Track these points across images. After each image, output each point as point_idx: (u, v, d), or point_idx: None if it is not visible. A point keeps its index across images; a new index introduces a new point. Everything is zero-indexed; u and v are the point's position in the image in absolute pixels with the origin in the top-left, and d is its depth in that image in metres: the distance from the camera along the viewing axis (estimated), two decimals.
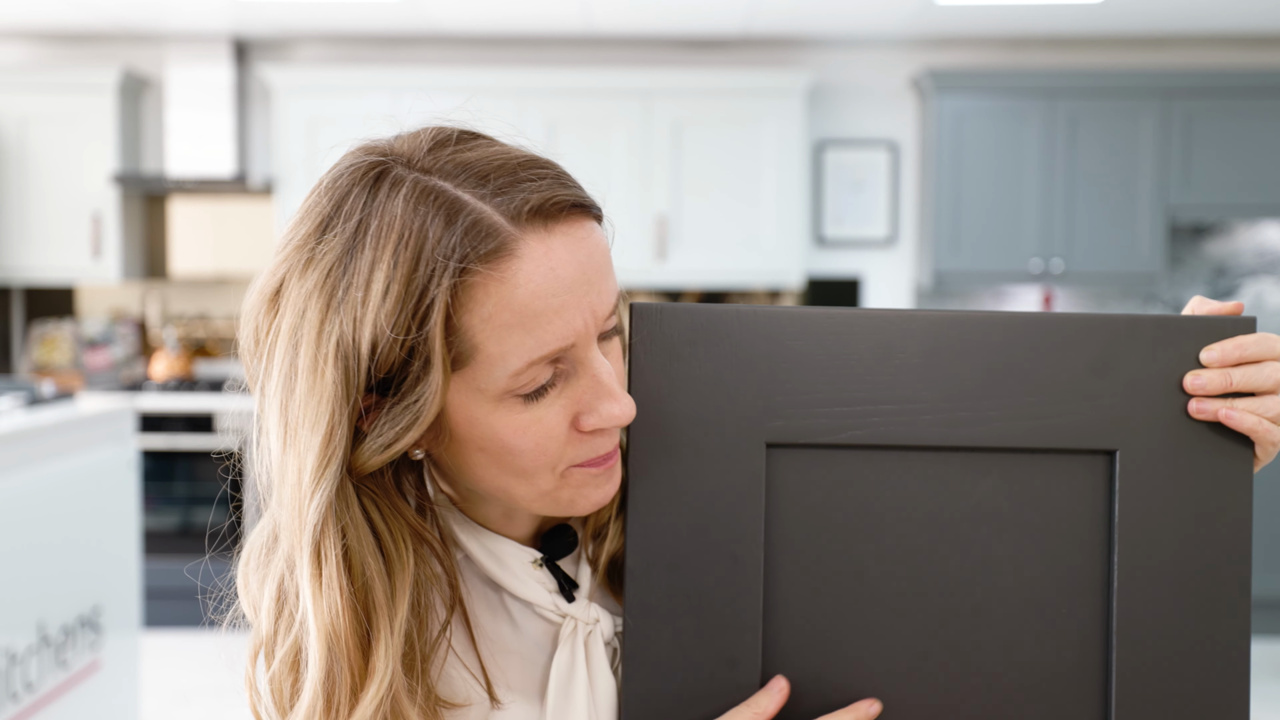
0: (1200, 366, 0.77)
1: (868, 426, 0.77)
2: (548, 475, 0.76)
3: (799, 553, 0.77)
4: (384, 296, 0.70)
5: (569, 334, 0.72)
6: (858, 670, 0.77)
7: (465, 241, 0.70)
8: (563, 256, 0.72)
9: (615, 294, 0.76)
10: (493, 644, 0.84)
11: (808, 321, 0.77)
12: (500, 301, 0.71)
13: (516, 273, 0.71)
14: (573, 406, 0.75)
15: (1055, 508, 0.78)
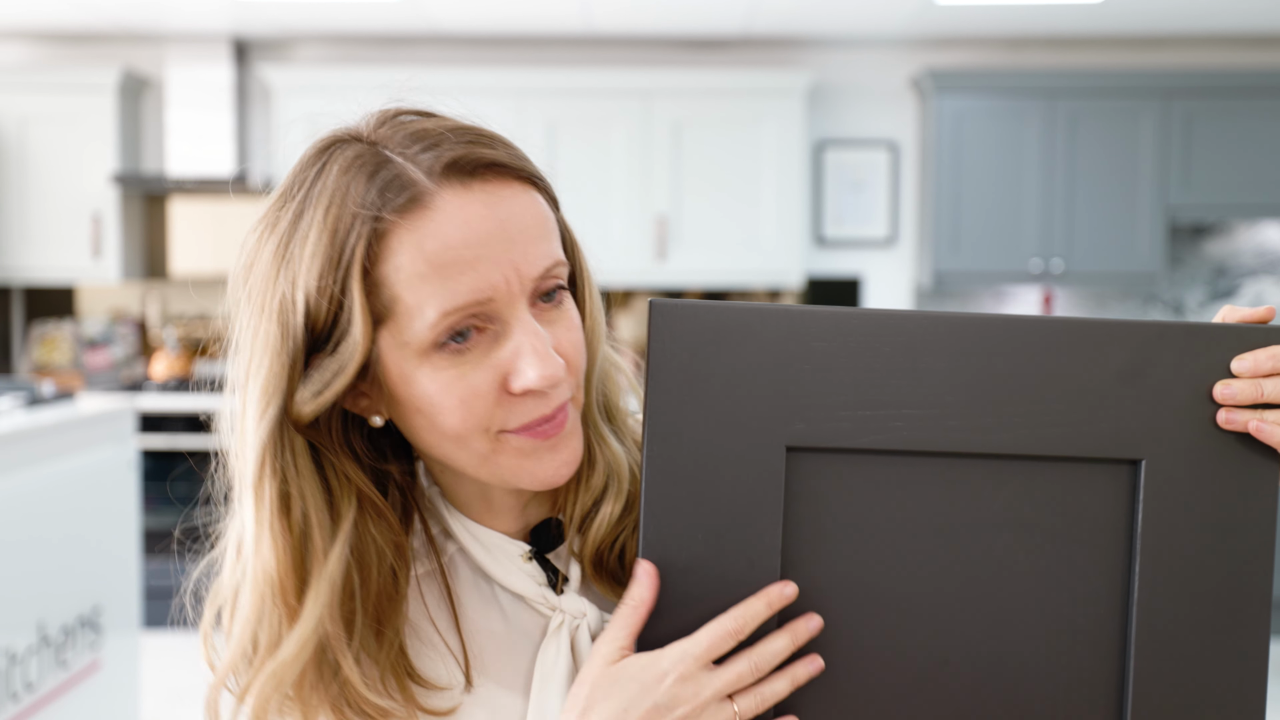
0: (1231, 376, 0.76)
1: (890, 431, 0.75)
2: (480, 438, 0.77)
3: (816, 557, 0.76)
4: (313, 256, 0.74)
5: (483, 288, 0.74)
6: (874, 675, 0.76)
7: (381, 195, 0.74)
8: (478, 211, 0.74)
9: (551, 260, 0.77)
10: (481, 633, 0.85)
11: (832, 322, 0.75)
12: (413, 252, 0.73)
13: (428, 223, 0.73)
14: (501, 366, 0.76)
15: (1077, 516, 0.77)
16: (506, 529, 0.87)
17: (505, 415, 0.77)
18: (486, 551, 0.86)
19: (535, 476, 0.79)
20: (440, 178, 0.75)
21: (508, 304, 0.75)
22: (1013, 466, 0.76)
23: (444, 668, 0.84)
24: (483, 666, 0.85)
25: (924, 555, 0.76)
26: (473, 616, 0.86)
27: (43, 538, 2.59)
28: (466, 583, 0.87)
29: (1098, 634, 0.77)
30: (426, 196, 0.74)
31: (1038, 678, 0.77)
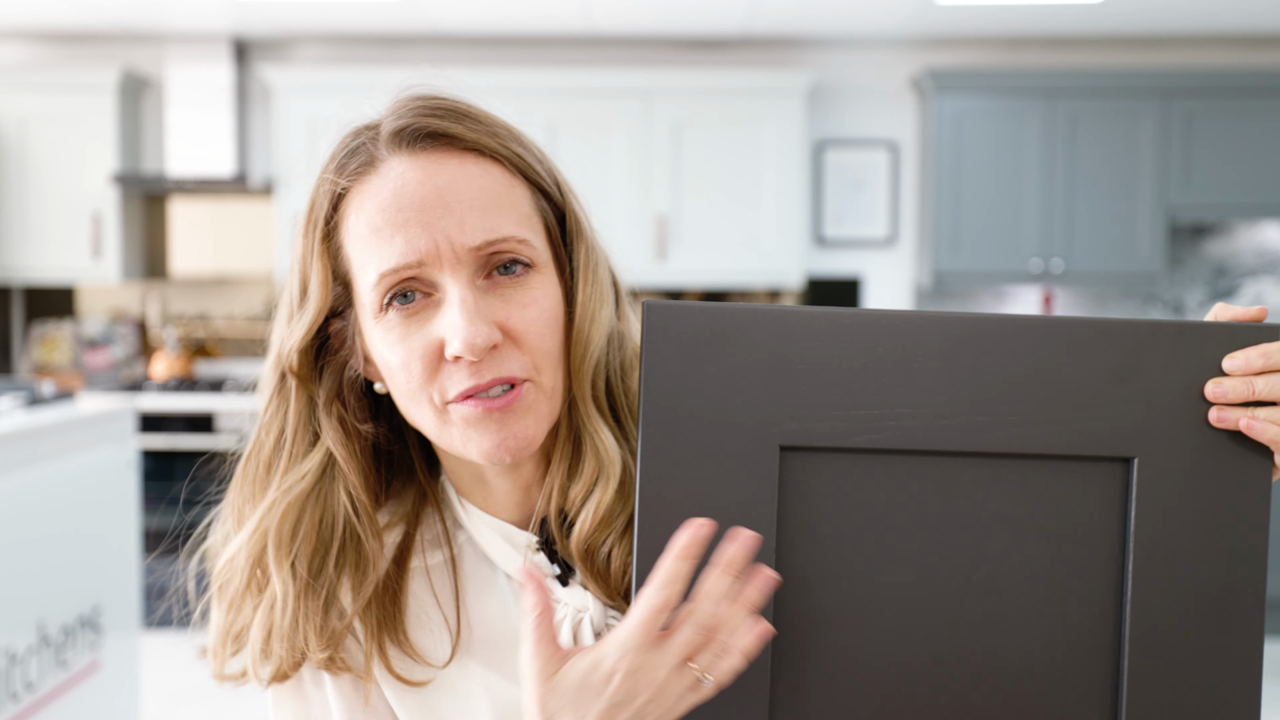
0: (1222, 374, 0.76)
1: (884, 430, 0.75)
2: (428, 404, 0.80)
3: (810, 556, 0.76)
4: (302, 222, 0.83)
5: (411, 252, 0.78)
6: (868, 674, 0.76)
7: (344, 163, 0.81)
8: (415, 178, 0.79)
9: (495, 234, 0.79)
10: (481, 620, 0.87)
11: (825, 321, 0.75)
12: (357, 214, 0.80)
13: (371, 186, 0.79)
14: (437, 333, 0.79)
15: (1070, 514, 0.77)
16: (512, 517, 0.88)
17: (444, 383, 0.80)
18: (491, 540, 0.87)
19: (480, 449, 0.80)
20: (389, 145, 0.80)
21: (440, 270, 0.78)
22: (1006, 465, 0.76)
23: (435, 644, 0.86)
24: (473, 650, 0.86)
25: (917, 554, 0.76)
26: (475, 603, 0.87)
27: (43, 538, 2.59)
28: (474, 570, 0.88)
29: (1091, 632, 0.77)
30: (377, 162, 0.80)
31: (1031, 676, 0.77)
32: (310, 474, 0.84)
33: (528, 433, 0.81)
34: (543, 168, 0.85)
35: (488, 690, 0.86)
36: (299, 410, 0.85)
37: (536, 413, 0.81)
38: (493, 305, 0.79)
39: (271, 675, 0.84)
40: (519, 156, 0.83)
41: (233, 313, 5.22)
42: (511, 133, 0.84)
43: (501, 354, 0.79)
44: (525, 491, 0.88)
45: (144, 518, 4.41)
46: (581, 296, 0.85)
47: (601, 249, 0.89)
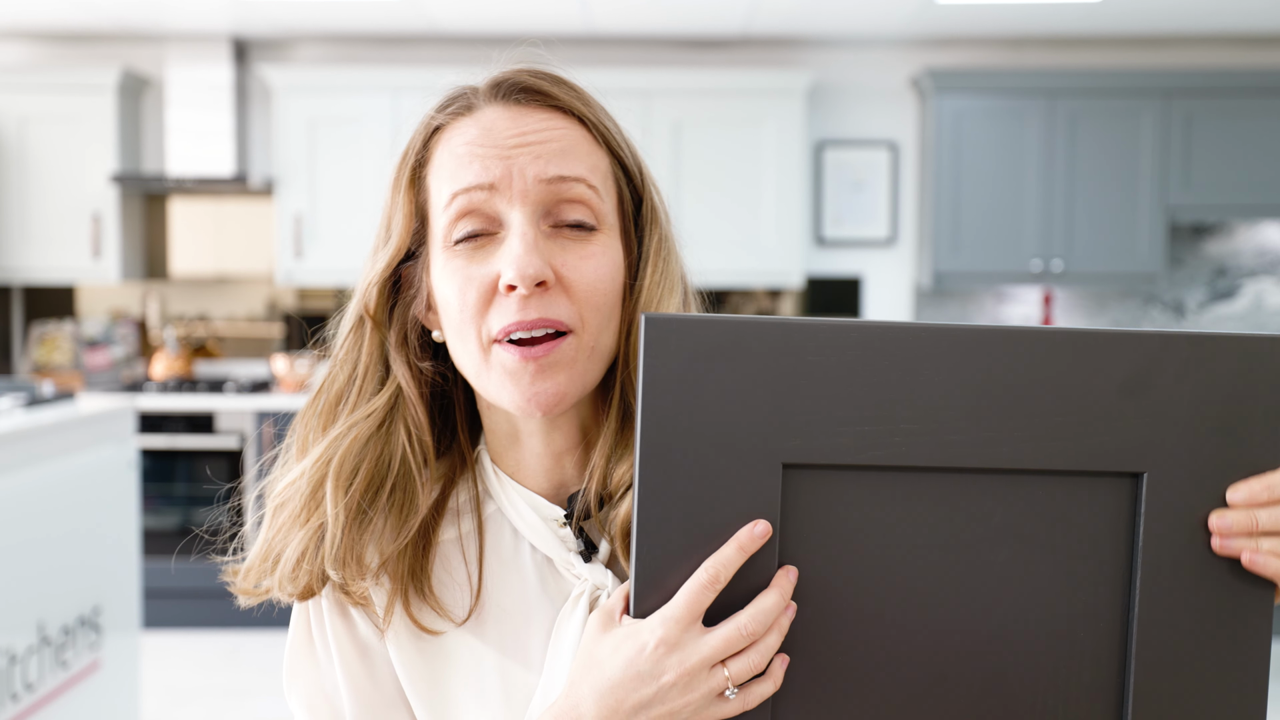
0: (1229, 387, 0.74)
1: (890, 446, 0.73)
2: (474, 340, 0.83)
3: (813, 575, 0.75)
4: (395, 162, 0.88)
5: (486, 174, 0.82)
6: (873, 691, 0.75)
7: (443, 105, 0.87)
8: (502, 122, 0.84)
9: (566, 171, 0.83)
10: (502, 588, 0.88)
11: (829, 335, 0.73)
12: (445, 147, 0.86)
13: (464, 125, 0.85)
14: (496, 265, 0.82)
15: (1077, 529, 0.75)
16: (541, 486, 0.89)
17: (493, 316, 0.82)
18: (520, 510, 0.88)
19: (513, 399, 0.83)
20: (487, 95, 0.86)
21: (509, 201, 0.82)
22: (1013, 481, 0.75)
23: (456, 602, 0.88)
24: (485, 620, 0.87)
25: (923, 570, 0.75)
26: (497, 574, 0.88)
27: (43, 538, 2.59)
28: (501, 539, 0.90)
29: (1097, 648, 0.76)
30: (473, 108, 0.86)
31: (1037, 692, 0.76)
32: (379, 410, 0.87)
33: (560, 389, 0.82)
34: (629, 149, 0.90)
35: (500, 673, 0.86)
36: (371, 350, 0.89)
37: (573, 369, 0.83)
38: (552, 250, 0.82)
39: (298, 593, 0.88)
40: (605, 127, 0.87)
41: (233, 313, 5.22)
42: (604, 108, 0.89)
43: (550, 296, 0.81)
44: (557, 459, 0.89)
45: (144, 518, 4.42)
46: (650, 279, 0.88)
47: (678, 250, 0.94)
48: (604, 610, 0.77)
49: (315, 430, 0.90)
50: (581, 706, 0.74)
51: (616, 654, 0.73)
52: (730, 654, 0.72)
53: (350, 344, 0.90)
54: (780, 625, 0.73)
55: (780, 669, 0.74)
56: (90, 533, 2.82)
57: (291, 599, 0.89)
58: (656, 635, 0.72)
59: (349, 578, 0.85)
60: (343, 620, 0.89)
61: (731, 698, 0.73)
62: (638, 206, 0.90)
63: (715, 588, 0.72)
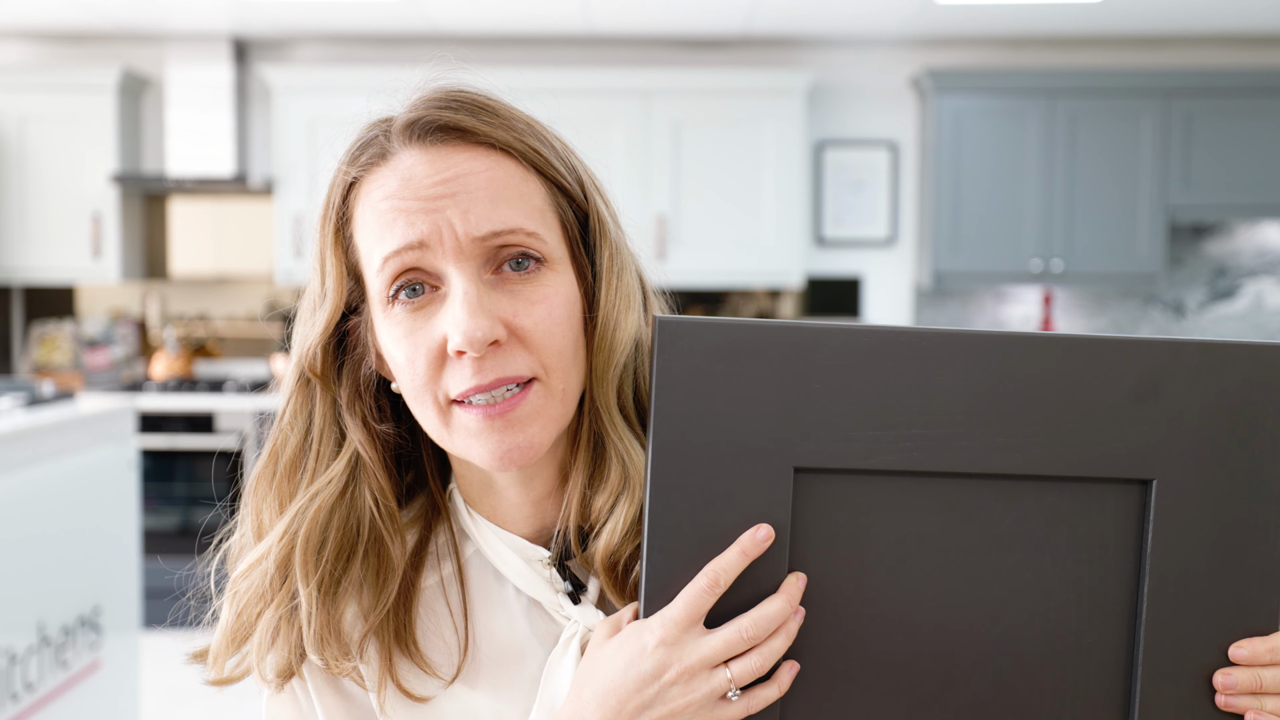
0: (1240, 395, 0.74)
1: (901, 451, 0.73)
2: (432, 403, 0.79)
3: (823, 578, 0.74)
4: (318, 216, 0.83)
5: (414, 233, 0.77)
6: (881, 696, 0.75)
7: (356, 154, 0.82)
8: (423, 170, 0.78)
9: (502, 225, 0.78)
10: (489, 636, 0.85)
11: (842, 339, 0.72)
12: (365, 202, 0.80)
13: (380, 176, 0.79)
14: (441, 328, 0.78)
15: (1087, 535, 0.75)
16: (522, 531, 0.86)
17: (448, 380, 0.78)
18: (501, 553, 0.85)
19: (482, 456, 0.79)
20: (401, 138, 0.80)
21: (444, 259, 0.77)
22: (1022, 486, 0.74)
23: (444, 658, 0.85)
24: (479, 670, 0.85)
25: (932, 575, 0.75)
26: (483, 619, 0.86)
27: (43, 538, 2.59)
28: (484, 582, 0.87)
29: (1105, 654, 0.76)
30: (388, 154, 0.80)
31: (1044, 698, 0.76)
32: (338, 477, 0.83)
33: (532, 441, 0.79)
34: (563, 165, 0.84)
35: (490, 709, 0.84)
36: (323, 411, 0.84)
37: (543, 418, 0.79)
38: (498, 301, 0.77)
39: (276, 672, 0.84)
40: (535, 152, 0.82)
41: (233, 313, 5.22)
42: (531, 128, 0.84)
43: (505, 352, 0.77)
44: (537, 505, 0.86)
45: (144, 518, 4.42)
46: (605, 301, 0.82)
47: (630, 252, 0.87)
48: (610, 620, 0.76)
49: (271, 503, 0.85)
50: (585, 710, 0.73)
51: (618, 656, 0.73)
52: (732, 655, 0.72)
53: (298, 404, 0.85)
54: (788, 629, 0.73)
55: (787, 675, 0.73)
56: (90, 533, 2.82)
57: (270, 683, 0.85)
58: (656, 636, 0.72)
59: (331, 659, 0.82)
60: (334, 694, 0.86)
61: (734, 700, 0.72)
62: (584, 222, 0.85)
63: (715, 591, 0.72)
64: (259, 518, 0.85)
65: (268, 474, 0.85)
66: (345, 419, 0.84)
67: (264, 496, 0.85)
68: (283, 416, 0.85)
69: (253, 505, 0.86)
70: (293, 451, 0.85)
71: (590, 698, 0.73)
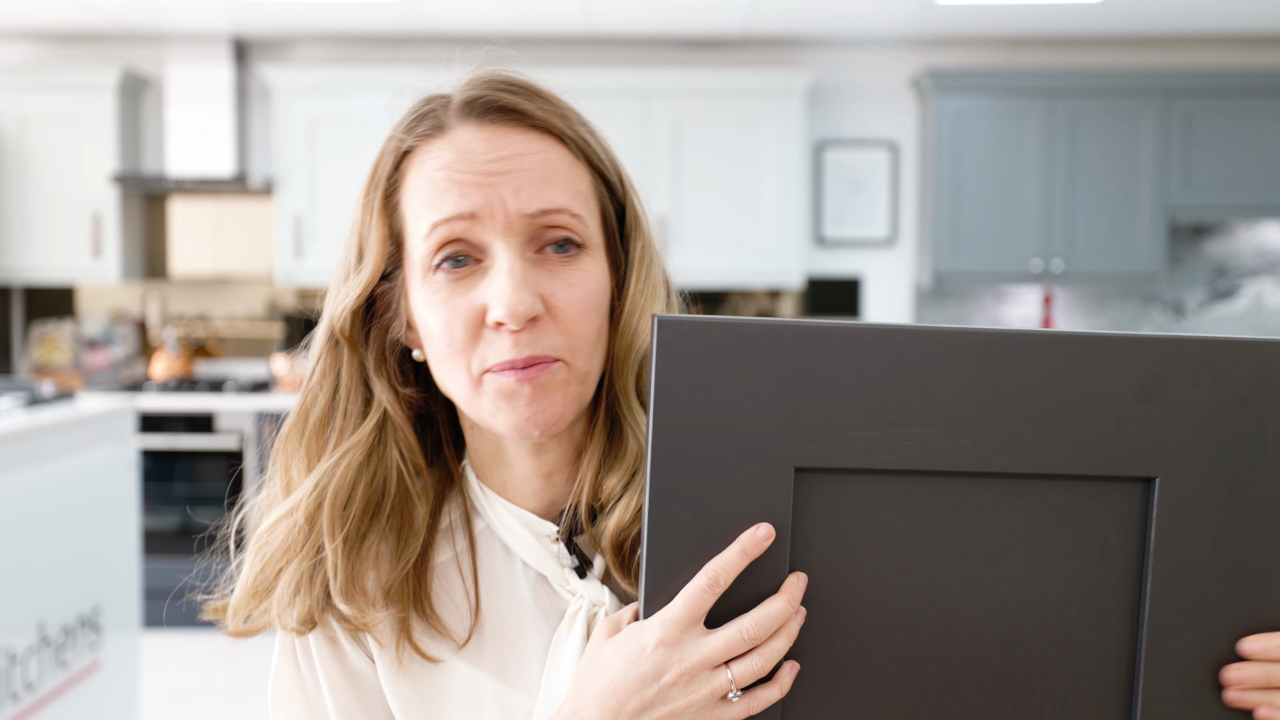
0: (1243, 392, 0.74)
1: (902, 450, 0.72)
2: (464, 372, 0.81)
3: (824, 578, 0.74)
4: (365, 182, 0.85)
5: (466, 205, 0.79)
6: (882, 696, 0.75)
7: (412, 127, 0.84)
8: (478, 144, 0.81)
9: (550, 204, 0.81)
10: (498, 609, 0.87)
11: (843, 338, 0.72)
12: (418, 171, 0.82)
13: (436, 148, 0.82)
14: (482, 298, 0.80)
15: (1088, 533, 0.75)
16: (531, 505, 0.88)
17: (484, 350, 0.80)
18: (510, 527, 0.87)
19: (510, 420, 0.81)
20: (459, 114, 0.83)
21: (492, 231, 0.80)
22: (1024, 485, 0.74)
23: (457, 622, 0.87)
24: (484, 643, 0.86)
25: (934, 574, 0.75)
26: (493, 589, 0.87)
27: (43, 538, 2.59)
28: (493, 557, 0.88)
29: (1107, 653, 0.76)
30: (445, 127, 0.82)
31: (1047, 697, 0.76)
32: (366, 436, 0.85)
33: (556, 409, 0.81)
34: (608, 158, 0.87)
35: (496, 697, 0.85)
36: (350, 373, 0.86)
37: (566, 392, 0.81)
38: (539, 278, 0.80)
39: (297, 621, 0.86)
40: (585, 141, 0.85)
41: (233, 313, 5.22)
42: (580, 118, 0.87)
43: (540, 329, 0.80)
44: (547, 478, 0.87)
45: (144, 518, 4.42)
46: (634, 289, 0.85)
47: (657, 250, 0.90)
48: (610, 620, 0.77)
49: (300, 460, 0.87)
50: (585, 709, 0.73)
51: (618, 656, 0.73)
52: (732, 656, 0.72)
53: (326, 365, 0.87)
54: (789, 630, 0.73)
55: (788, 676, 0.73)
56: (90, 533, 2.82)
57: (291, 631, 0.86)
58: (656, 636, 0.72)
59: (356, 611, 0.83)
60: (331, 650, 0.88)
61: (735, 700, 0.72)
62: (620, 214, 0.88)
63: (715, 590, 0.72)
64: (288, 474, 0.87)
65: (297, 431, 0.87)
66: (373, 380, 0.86)
67: (293, 453, 0.87)
68: (311, 376, 0.87)
69: (281, 462, 0.88)
70: (321, 410, 0.87)
71: (590, 697, 0.73)
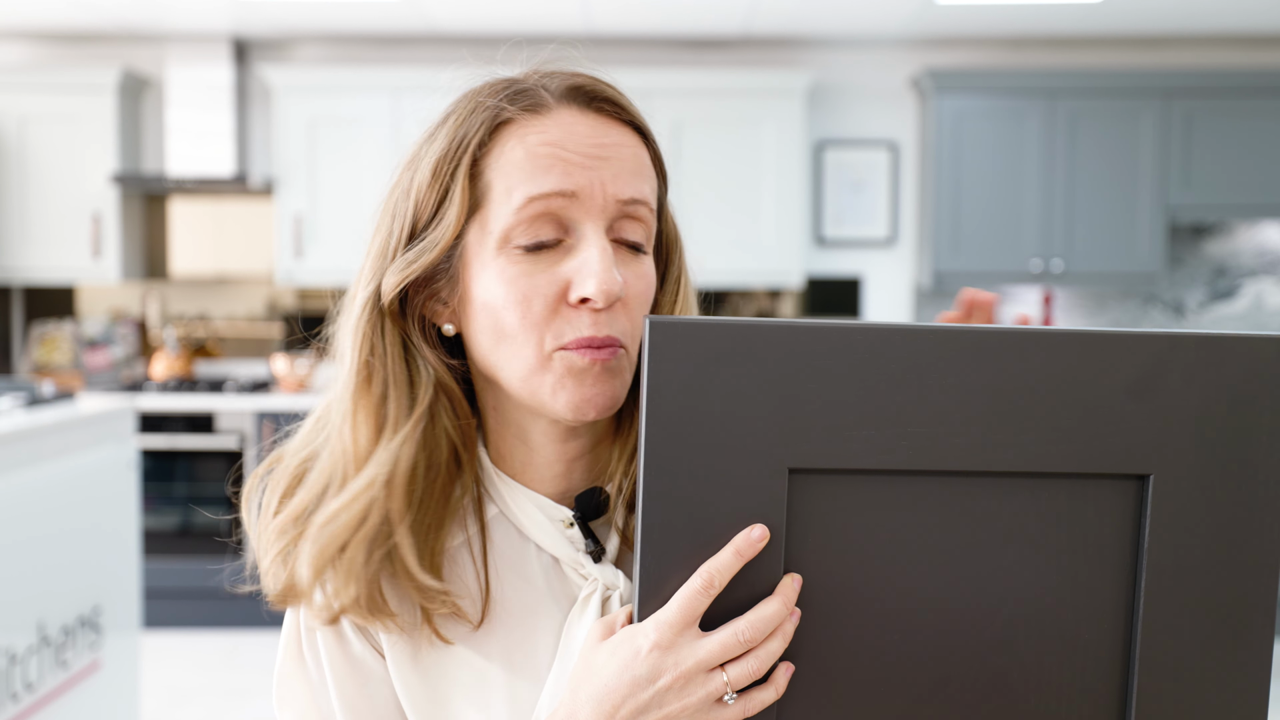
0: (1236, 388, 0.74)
1: (895, 450, 0.72)
2: (533, 346, 0.80)
3: (819, 579, 0.74)
4: (436, 150, 0.83)
5: (568, 183, 0.80)
6: (877, 694, 0.75)
7: (508, 97, 0.82)
8: (583, 129, 0.82)
9: (640, 193, 0.82)
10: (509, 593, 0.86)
11: (836, 338, 0.72)
12: (517, 143, 0.81)
13: (540, 123, 0.81)
14: (566, 274, 0.80)
15: (1083, 531, 0.75)
16: (547, 491, 0.88)
17: (560, 327, 0.80)
18: (526, 511, 0.87)
19: (569, 398, 0.80)
20: (562, 96, 0.83)
21: (587, 212, 0.81)
22: (1018, 483, 0.74)
23: (470, 606, 0.86)
24: (495, 629, 0.86)
25: (928, 574, 0.75)
26: (504, 575, 0.87)
27: (43, 538, 2.59)
28: (505, 543, 0.88)
29: (1102, 650, 0.76)
30: (547, 105, 0.82)
31: (1042, 694, 0.76)
32: (424, 412, 0.84)
33: (615, 393, 0.82)
34: (664, 169, 0.90)
35: (505, 684, 0.85)
36: (393, 347, 0.84)
37: (622, 378, 0.82)
38: (619, 264, 0.82)
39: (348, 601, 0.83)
40: (657, 145, 0.88)
41: (233, 313, 5.22)
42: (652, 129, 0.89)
43: (616, 313, 0.81)
44: (568, 465, 0.87)
45: (144, 518, 4.42)
46: (677, 296, 0.91)
47: (688, 266, 0.95)
48: (604, 621, 0.77)
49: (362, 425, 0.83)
50: (579, 714, 0.73)
51: (612, 659, 0.73)
52: (728, 659, 0.72)
53: (373, 339, 0.84)
54: (784, 631, 0.73)
55: (784, 677, 0.73)
56: (90, 533, 2.82)
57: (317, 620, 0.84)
58: (651, 639, 0.72)
59: (434, 592, 0.82)
60: (337, 641, 0.87)
61: (731, 703, 0.72)
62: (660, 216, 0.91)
63: (710, 593, 0.72)
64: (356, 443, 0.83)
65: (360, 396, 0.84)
66: (420, 353, 0.85)
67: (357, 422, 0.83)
68: (359, 350, 0.84)
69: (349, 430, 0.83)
70: (381, 384, 0.84)
71: (585, 700, 0.73)
